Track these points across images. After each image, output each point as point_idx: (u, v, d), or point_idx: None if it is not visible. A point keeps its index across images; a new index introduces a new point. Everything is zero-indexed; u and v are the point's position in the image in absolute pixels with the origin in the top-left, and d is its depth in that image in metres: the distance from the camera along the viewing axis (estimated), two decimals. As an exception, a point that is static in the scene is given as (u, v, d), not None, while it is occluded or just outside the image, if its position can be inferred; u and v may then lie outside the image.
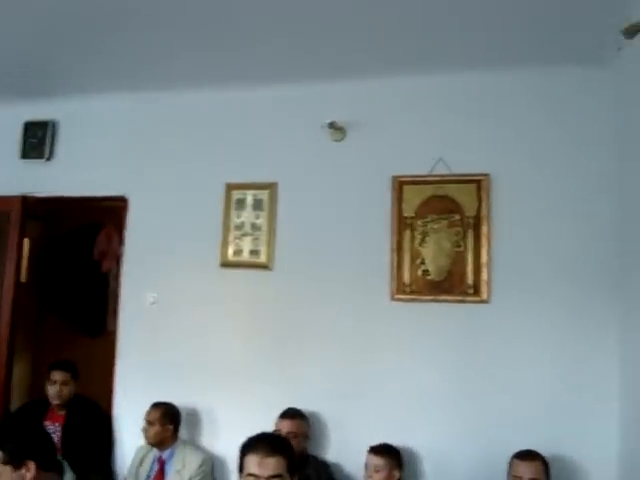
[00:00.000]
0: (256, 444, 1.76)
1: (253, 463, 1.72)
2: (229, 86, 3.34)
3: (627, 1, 2.32)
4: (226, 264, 3.29)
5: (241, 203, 3.30)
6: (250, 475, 1.72)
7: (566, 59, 2.88)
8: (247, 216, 3.28)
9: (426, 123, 3.10)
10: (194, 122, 3.48)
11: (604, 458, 2.71)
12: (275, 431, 2.86)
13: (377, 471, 2.66)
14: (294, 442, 2.83)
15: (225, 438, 3.18)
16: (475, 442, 2.87)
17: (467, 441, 2.88)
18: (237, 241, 3.29)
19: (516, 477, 2.55)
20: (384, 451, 2.72)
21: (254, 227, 3.27)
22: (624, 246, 2.69)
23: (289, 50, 2.92)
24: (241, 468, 1.78)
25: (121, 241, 3.61)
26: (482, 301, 2.93)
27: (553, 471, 2.61)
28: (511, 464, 2.61)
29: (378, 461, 2.68)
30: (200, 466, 3.03)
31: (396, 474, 2.69)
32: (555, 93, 2.98)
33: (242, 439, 1.83)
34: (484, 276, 2.93)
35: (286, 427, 2.89)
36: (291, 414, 2.95)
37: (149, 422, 3.04)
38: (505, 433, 2.80)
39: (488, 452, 2.79)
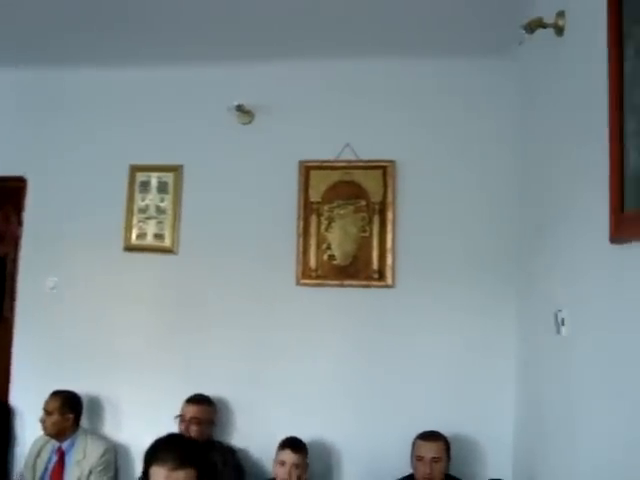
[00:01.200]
0: (164, 454, 1.62)
1: (160, 476, 1.58)
2: (134, 65, 3.22)
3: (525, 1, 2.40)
4: (130, 248, 3.19)
5: (145, 185, 3.20)
6: None
7: (472, 50, 2.93)
8: (152, 199, 3.19)
9: (334, 109, 3.09)
10: (97, 101, 3.33)
11: (500, 437, 2.83)
12: (179, 416, 2.83)
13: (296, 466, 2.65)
14: (198, 428, 2.83)
15: (129, 426, 3.12)
16: (380, 424, 2.92)
17: (372, 423, 2.94)
18: (141, 224, 3.19)
19: (419, 457, 2.62)
20: (299, 447, 2.71)
21: (159, 210, 3.18)
22: (523, 231, 2.78)
23: (196, 30, 2.84)
24: (146, 477, 1.63)
25: (20, 223, 3.43)
26: (387, 286, 2.97)
27: (454, 450, 2.70)
28: (414, 444, 2.68)
29: (294, 459, 2.65)
30: (102, 456, 2.95)
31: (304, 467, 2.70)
32: (461, 83, 3.04)
33: (146, 427, 1.74)
34: (389, 261, 2.97)
35: (190, 412, 2.86)
36: (197, 399, 2.91)
37: (47, 412, 2.92)
38: (409, 415, 2.87)
39: (393, 434, 2.85)
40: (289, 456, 2.63)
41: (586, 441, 1.76)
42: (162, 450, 1.66)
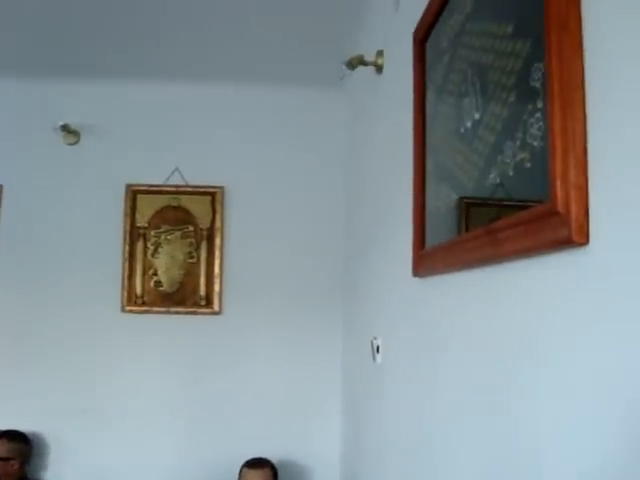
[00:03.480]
0: None
1: None
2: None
3: (352, 36, 2.50)
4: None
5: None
6: None
7: (303, 80, 2.98)
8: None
9: (163, 132, 3.04)
10: None
11: (328, 458, 2.88)
12: None
13: None
14: (12, 467, 2.68)
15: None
16: (208, 453, 2.89)
17: (200, 452, 2.90)
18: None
19: (247, 485, 2.61)
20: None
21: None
22: (347, 261, 2.86)
23: (22, 45, 2.70)
24: None
25: None
26: (214, 312, 2.95)
27: (282, 475, 2.72)
28: (241, 473, 2.66)
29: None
30: None
31: None
32: (292, 111, 3.08)
33: None
34: (216, 287, 2.95)
35: (2, 451, 2.69)
36: (9, 436, 2.74)
37: None
38: (237, 442, 2.85)
39: (220, 462, 2.82)
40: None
41: (390, 462, 1.83)
42: None
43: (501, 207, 0.98)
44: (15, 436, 2.76)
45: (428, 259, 1.42)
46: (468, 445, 1.15)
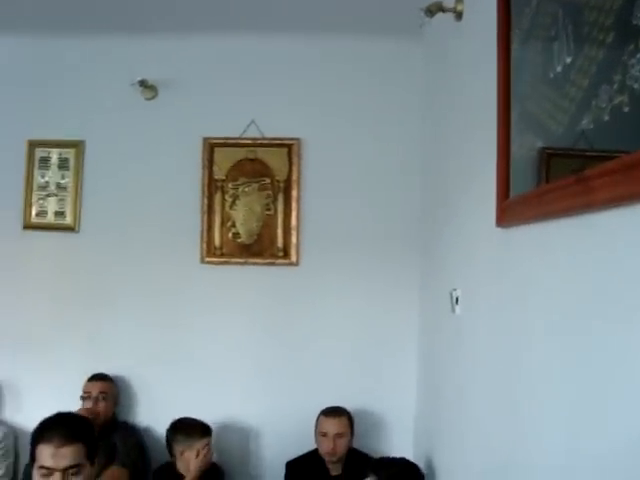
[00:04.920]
0: (50, 431, 1.59)
1: (46, 454, 1.55)
2: (32, 34, 3.08)
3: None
4: (29, 226, 3.09)
5: (45, 162, 3.10)
6: (43, 468, 1.55)
7: (379, 29, 2.94)
8: (52, 176, 3.09)
9: (239, 85, 3.05)
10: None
11: (403, 411, 2.89)
12: (85, 394, 2.80)
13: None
14: (106, 403, 2.81)
15: (30, 409, 2.99)
16: (285, 401, 2.94)
17: (277, 400, 2.95)
18: (41, 202, 3.09)
19: (323, 433, 2.64)
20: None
21: (59, 187, 3.08)
22: (425, 211, 2.83)
23: (98, 2, 2.75)
24: (33, 458, 1.60)
25: None
26: (291, 264, 2.98)
27: (358, 424, 2.74)
28: (318, 420, 2.69)
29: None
30: (1, 441, 2.88)
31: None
32: (367, 61, 3.04)
33: (48, 409, 1.70)
34: (293, 239, 2.97)
35: (98, 388, 2.82)
36: (101, 376, 2.89)
37: None
38: (313, 391, 2.89)
39: (297, 410, 2.87)
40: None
41: (473, 414, 1.81)
42: (48, 429, 1.62)
43: (590, 157, 0.94)
44: (105, 378, 2.89)
45: (513, 209, 1.39)
46: (555, 399, 1.11)
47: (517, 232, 1.41)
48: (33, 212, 3.09)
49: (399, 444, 2.83)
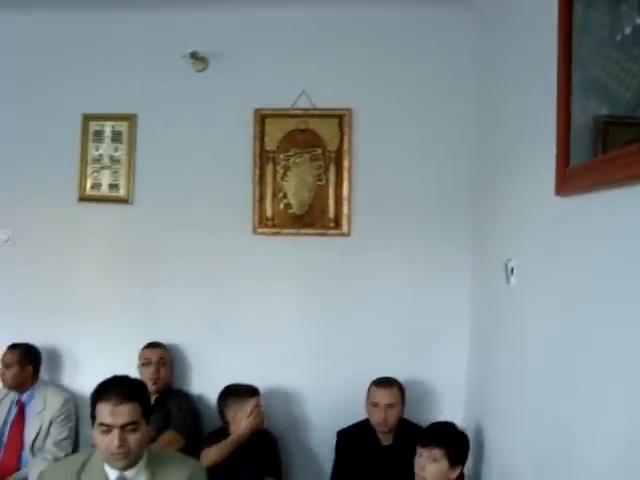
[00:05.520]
0: (108, 391, 1.69)
1: (105, 412, 1.65)
2: (85, 10, 3.10)
3: None
4: (84, 198, 3.15)
5: (99, 135, 3.14)
6: (102, 425, 1.66)
7: (428, -1, 2.88)
8: (105, 148, 3.14)
9: (290, 56, 3.04)
10: (47, 47, 3.21)
11: (454, 382, 2.90)
12: (145, 360, 2.89)
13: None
14: (164, 370, 2.90)
15: (88, 376, 3.05)
16: (337, 371, 2.97)
17: (329, 370, 2.98)
18: (95, 174, 3.14)
19: (374, 403, 2.66)
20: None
21: (113, 160, 3.13)
22: (477, 180, 2.81)
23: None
24: (93, 417, 1.71)
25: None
26: (343, 234, 2.99)
27: (409, 395, 2.75)
28: (369, 391, 2.71)
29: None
30: (62, 406, 2.97)
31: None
32: (417, 31, 3.01)
33: (104, 376, 1.77)
34: (345, 209, 2.98)
35: (157, 354, 2.91)
36: (158, 344, 2.97)
37: (6, 364, 2.91)
38: (364, 361, 2.91)
39: (349, 380, 2.89)
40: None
41: (531, 384, 1.81)
42: (106, 388, 1.72)
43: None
44: (161, 345, 2.97)
45: (573, 177, 1.36)
46: (617, 378, 1.09)
47: (578, 200, 1.39)
48: (88, 185, 3.15)
49: (450, 414, 2.82)
